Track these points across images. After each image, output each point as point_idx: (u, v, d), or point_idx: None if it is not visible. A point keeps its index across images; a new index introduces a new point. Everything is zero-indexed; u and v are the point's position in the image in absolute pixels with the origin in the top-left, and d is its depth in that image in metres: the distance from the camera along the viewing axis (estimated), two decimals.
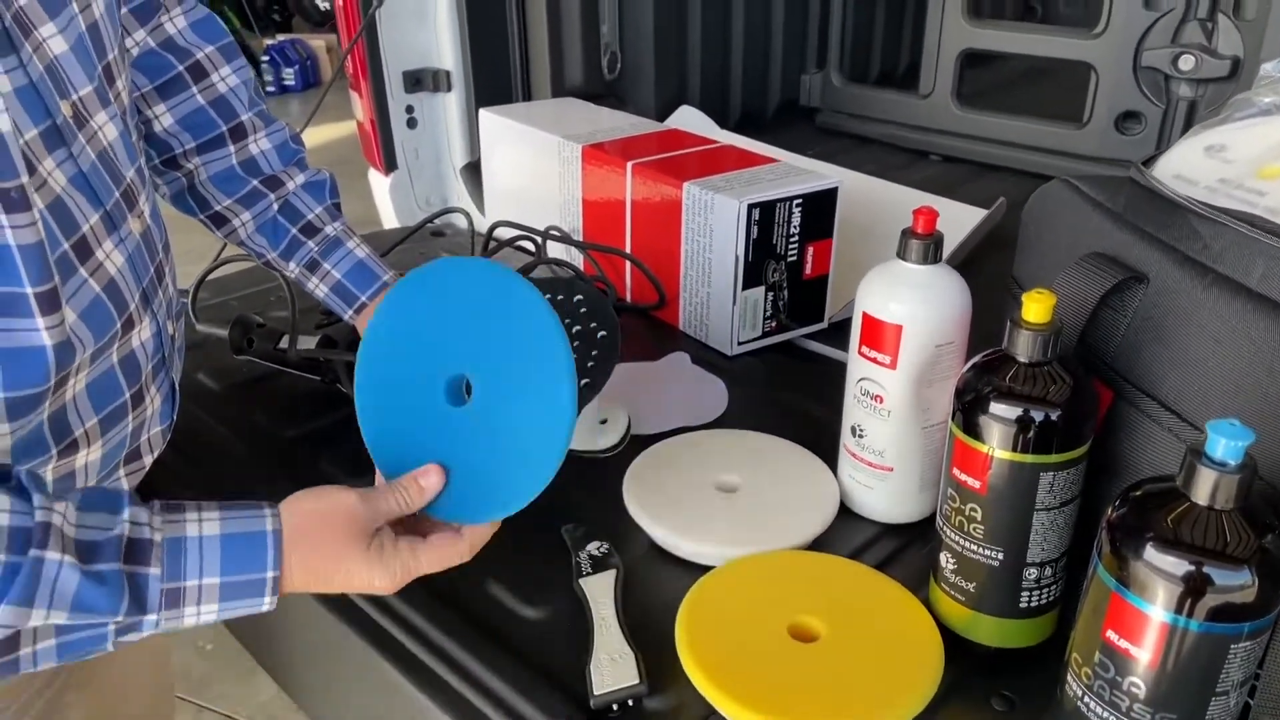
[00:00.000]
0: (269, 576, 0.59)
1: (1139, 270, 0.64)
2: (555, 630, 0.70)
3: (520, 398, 0.61)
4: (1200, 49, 1.41)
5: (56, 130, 0.60)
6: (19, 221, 0.56)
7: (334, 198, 0.94)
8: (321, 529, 0.60)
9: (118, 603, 0.54)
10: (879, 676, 0.62)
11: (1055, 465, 0.59)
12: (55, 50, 0.60)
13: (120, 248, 0.65)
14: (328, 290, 0.89)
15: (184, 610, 0.57)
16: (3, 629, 0.52)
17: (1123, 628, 0.49)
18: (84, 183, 0.62)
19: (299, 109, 5.95)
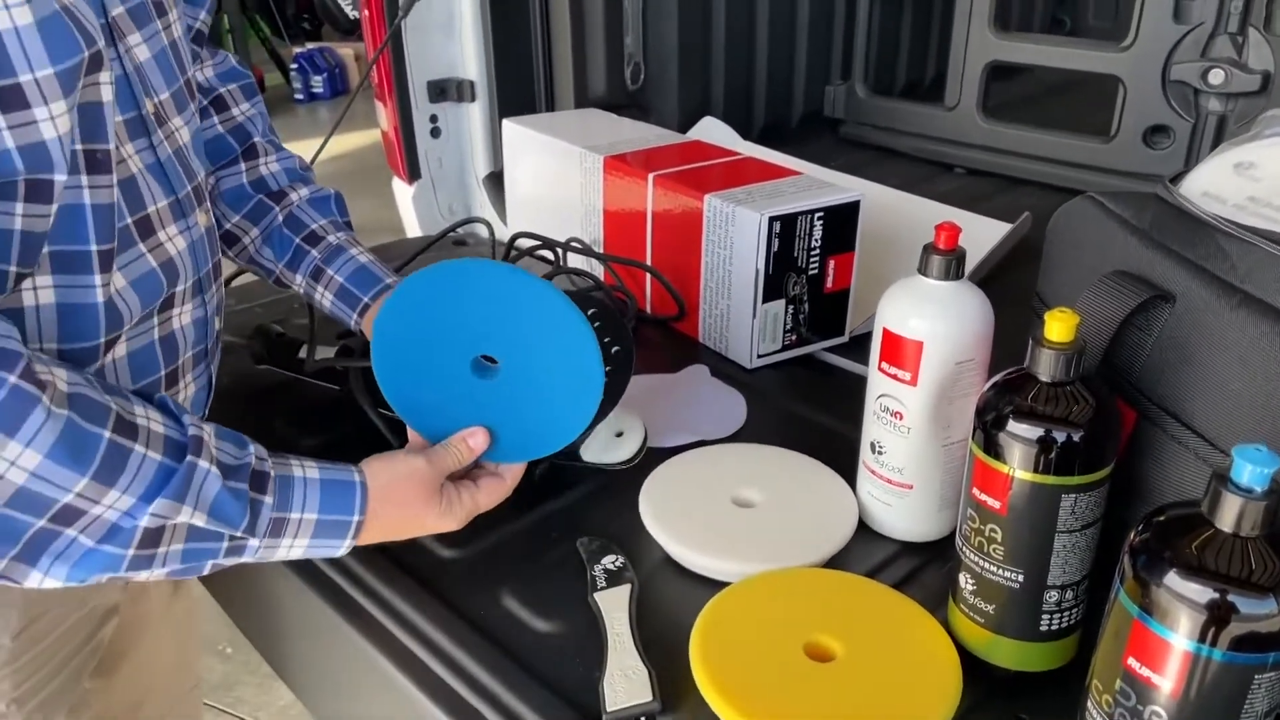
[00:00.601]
0: (354, 520, 0.68)
1: (1165, 289, 0.63)
2: (568, 644, 0.69)
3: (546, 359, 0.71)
4: (1230, 63, 1.40)
5: (141, 120, 0.68)
6: (99, 183, 0.63)
7: (343, 215, 0.96)
8: (400, 488, 0.70)
9: (241, 519, 0.63)
10: (896, 698, 0.61)
11: (1077, 487, 0.58)
12: (140, 57, 0.68)
13: (185, 234, 0.73)
14: (333, 298, 0.91)
15: (281, 540, 0.66)
16: (156, 519, 0.59)
17: (1145, 655, 0.48)
18: (159, 171, 0.70)
19: (327, 116, 6.00)
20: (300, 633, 0.83)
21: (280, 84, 6.27)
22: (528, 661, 0.68)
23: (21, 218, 0.60)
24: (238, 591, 0.91)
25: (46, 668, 0.77)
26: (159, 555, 0.62)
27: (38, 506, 0.56)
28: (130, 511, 0.59)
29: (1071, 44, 1.73)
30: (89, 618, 0.81)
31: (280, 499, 0.65)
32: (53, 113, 0.58)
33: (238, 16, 5.71)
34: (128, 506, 0.59)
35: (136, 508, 0.59)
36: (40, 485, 0.56)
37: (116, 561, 0.60)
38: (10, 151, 0.57)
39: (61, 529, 0.58)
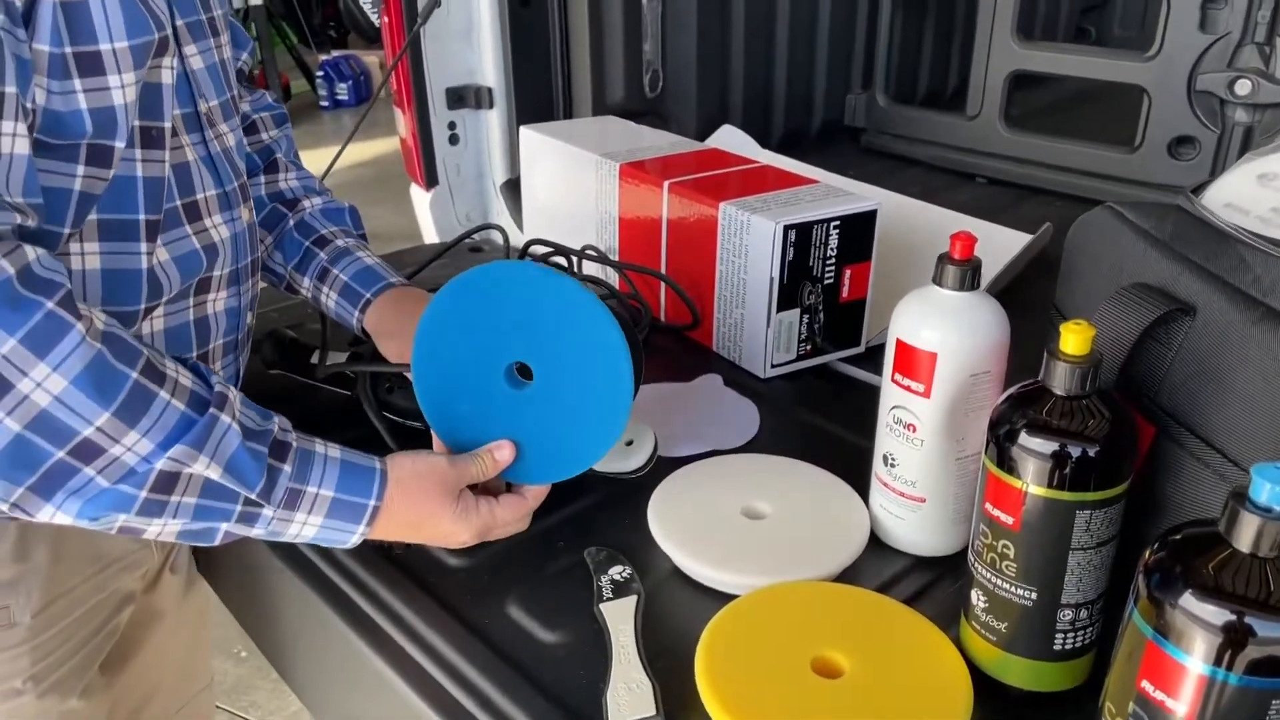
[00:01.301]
0: (371, 504, 0.68)
1: (1186, 302, 0.62)
2: (573, 656, 0.69)
3: (579, 376, 0.72)
4: (1257, 74, 1.37)
5: (197, 116, 0.75)
6: (152, 157, 0.69)
7: (356, 228, 0.99)
8: (419, 483, 0.71)
9: (257, 480, 0.64)
10: (904, 716, 0.60)
11: (1093, 503, 0.57)
12: (195, 65, 0.75)
13: (229, 224, 0.78)
14: (337, 296, 0.93)
15: (295, 514, 0.66)
16: (173, 463, 0.60)
17: (1158, 678, 0.47)
18: (211, 164, 0.76)
19: (351, 123, 6.05)
20: (304, 637, 0.83)
21: (306, 91, 6.32)
22: (531, 671, 0.67)
23: (81, 179, 0.65)
24: (245, 594, 0.91)
25: (64, 648, 0.80)
26: (171, 504, 0.62)
27: (59, 436, 0.57)
28: (148, 457, 0.60)
29: (1095, 53, 1.71)
30: (107, 602, 0.84)
31: (299, 470, 0.66)
32: (124, 81, 0.64)
33: (264, 24, 5.76)
34: (146, 451, 0.60)
35: (154, 454, 0.60)
36: (63, 412, 0.57)
37: (129, 502, 0.61)
38: (82, 113, 0.63)
39: (80, 465, 0.59)
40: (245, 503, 0.64)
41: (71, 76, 0.62)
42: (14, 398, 0.55)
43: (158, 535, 0.65)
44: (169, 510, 0.62)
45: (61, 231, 0.66)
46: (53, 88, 0.62)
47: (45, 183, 0.63)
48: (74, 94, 0.62)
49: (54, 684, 0.80)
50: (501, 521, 0.74)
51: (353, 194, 0.99)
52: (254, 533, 0.67)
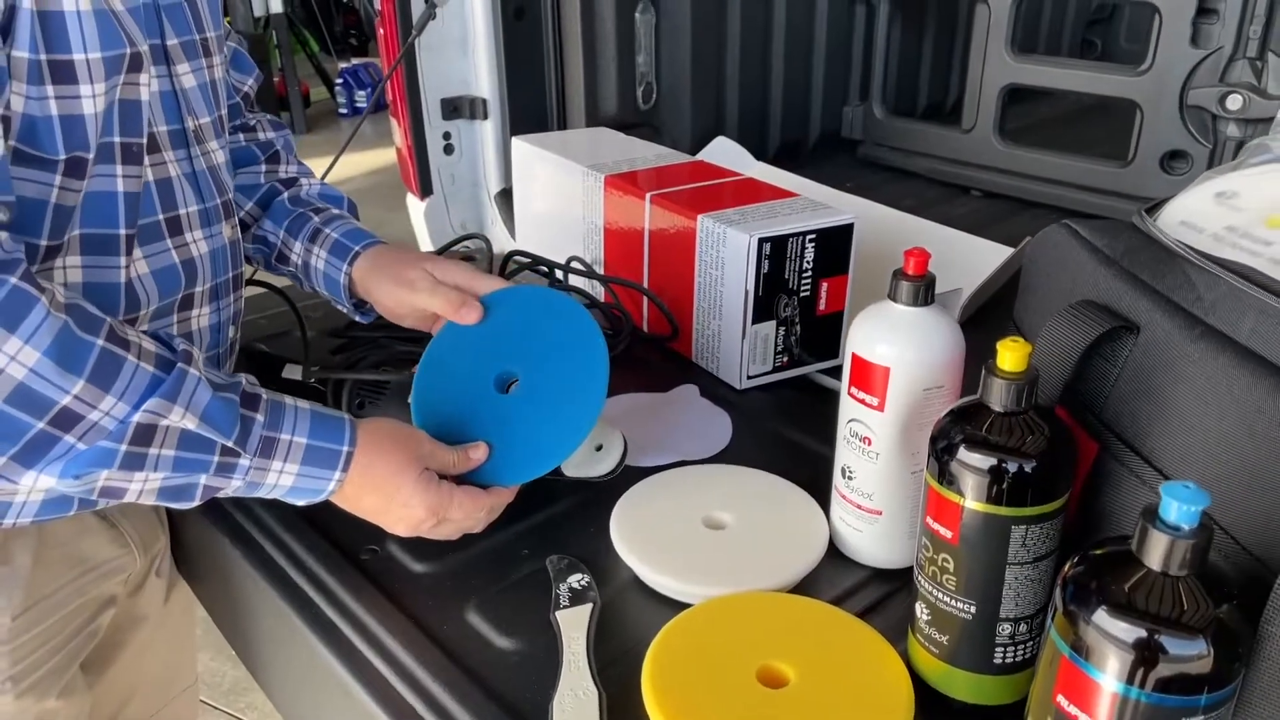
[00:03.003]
0: (344, 450, 0.71)
1: (1130, 319, 0.62)
2: (526, 662, 0.70)
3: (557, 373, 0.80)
4: (1249, 88, 1.37)
5: (184, 134, 0.77)
6: (131, 173, 0.71)
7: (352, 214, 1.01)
8: (389, 442, 0.73)
9: (232, 427, 0.66)
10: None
11: (1029, 518, 0.57)
12: (186, 84, 0.78)
13: (209, 240, 0.80)
14: (326, 255, 0.94)
15: (271, 463, 0.69)
16: (150, 415, 0.63)
17: (1073, 693, 0.48)
18: (194, 181, 0.79)
19: (371, 130, 6.09)
20: (273, 640, 0.84)
21: (325, 99, 6.38)
22: (483, 677, 0.68)
23: (57, 189, 0.67)
24: (221, 598, 0.93)
25: (43, 649, 0.82)
26: (150, 456, 0.64)
27: (37, 406, 0.60)
28: (124, 419, 0.62)
29: (1088, 67, 1.71)
30: (88, 605, 0.85)
31: (271, 419, 0.69)
32: (94, 91, 0.66)
33: (285, 32, 5.82)
34: (122, 414, 0.62)
35: (130, 414, 0.63)
36: (39, 383, 0.59)
37: (109, 456, 0.63)
38: (53, 119, 0.65)
39: (60, 434, 0.61)
40: (222, 452, 0.66)
41: (45, 83, 0.64)
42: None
43: (139, 494, 0.66)
44: (149, 463, 0.64)
45: (39, 243, 0.67)
46: (30, 93, 0.64)
47: (20, 192, 0.65)
48: (47, 100, 0.65)
49: (32, 684, 0.81)
50: (457, 504, 0.75)
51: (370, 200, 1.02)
52: (233, 485, 0.69)
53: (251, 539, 0.84)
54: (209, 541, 0.88)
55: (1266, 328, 0.56)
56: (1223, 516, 0.53)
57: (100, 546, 0.85)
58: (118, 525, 0.86)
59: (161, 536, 0.94)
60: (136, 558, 0.89)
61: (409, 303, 0.88)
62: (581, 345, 0.81)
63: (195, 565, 0.97)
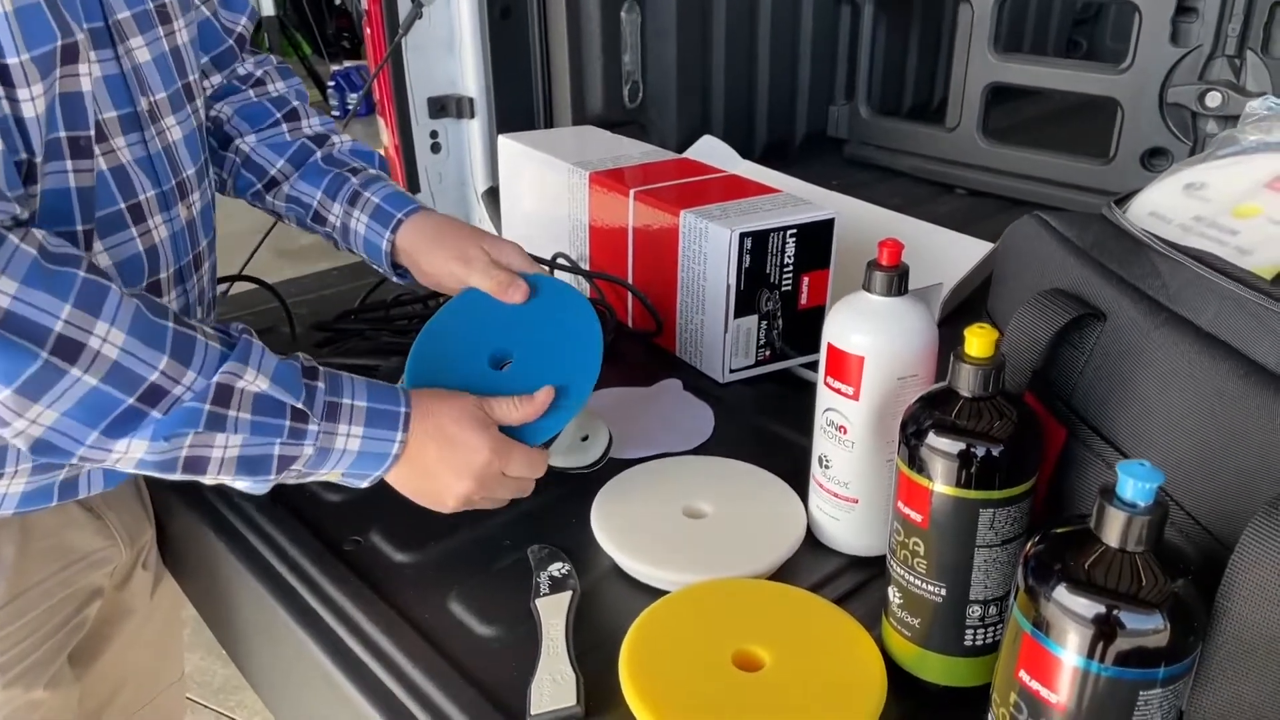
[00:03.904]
0: (402, 411, 0.73)
1: (1097, 307, 0.64)
2: (506, 649, 0.70)
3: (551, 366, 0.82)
4: (1228, 86, 1.39)
5: (135, 117, 0.74)
6: (81, 166, 0.69)
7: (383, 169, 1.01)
8: (441, 399, 0.75)
9: (299, 390, 0.69)
10: (818, 709, 0.61)
11: (996, 501, 0.59)
12: (140, 58, 0.75)
13: (168, 224, 0.79)
14: (368, 220, 0.94)
15: (338, 426, 0.71)
16: (228, 376, 0.66)
17: (1035, 669, 0.49)
18: (149, 165, 0.76)
19: (363, 133, 6.12)
20: (257, 632, 0.85)
21: (318, 101, 6.38)
22: (463, 663, 0.69)
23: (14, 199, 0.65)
24: (207, 591, 0.94)
25: (28, 640, 0.82)
26: (230, 418, 0.67)
27: (130, 383, 0.63)
28: (205, 387, 0.65)
29: (1069, 66, 1.72)
30: (74, 596, 0.86)
31: (331, 386, 0.71)
32: (33, 94, 0.64)
33: (277, 35, 5.83)
34: (201, 387, 0.65)
35: (210, 379, 0.66)
36: (130, 361, 0.63)
37: (195, 416, 0.65)
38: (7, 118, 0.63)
39: (147, 409, 0.64)
40: (293, 415, 0.69)
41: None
42: (88, 355, 0.61)
43: (219, 465, 0.68)
44: (229, 424, 0.67)
45: None
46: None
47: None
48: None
49: (18, 675, 0.82)
50: (520, 454, 0.76)
51: None
52: (304, 452, 0.70)
53: (235, 531, 0.85)
54: (194, 534, 0.89)
55: (1228, 313, 0.57)
56: (1183, 496, 0.54)
57: (85, 538, 0.86)
58: (103, 517, 0.87)
59: (148, 529, 0.95)
60: (122, 550, 0.90)
61: (461, 278, 0.89)
62: (576, 328, 0.84)
63: (181, 559, 0.98)
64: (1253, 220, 0.68)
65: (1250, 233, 0.66)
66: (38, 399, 0.61)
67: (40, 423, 0.62)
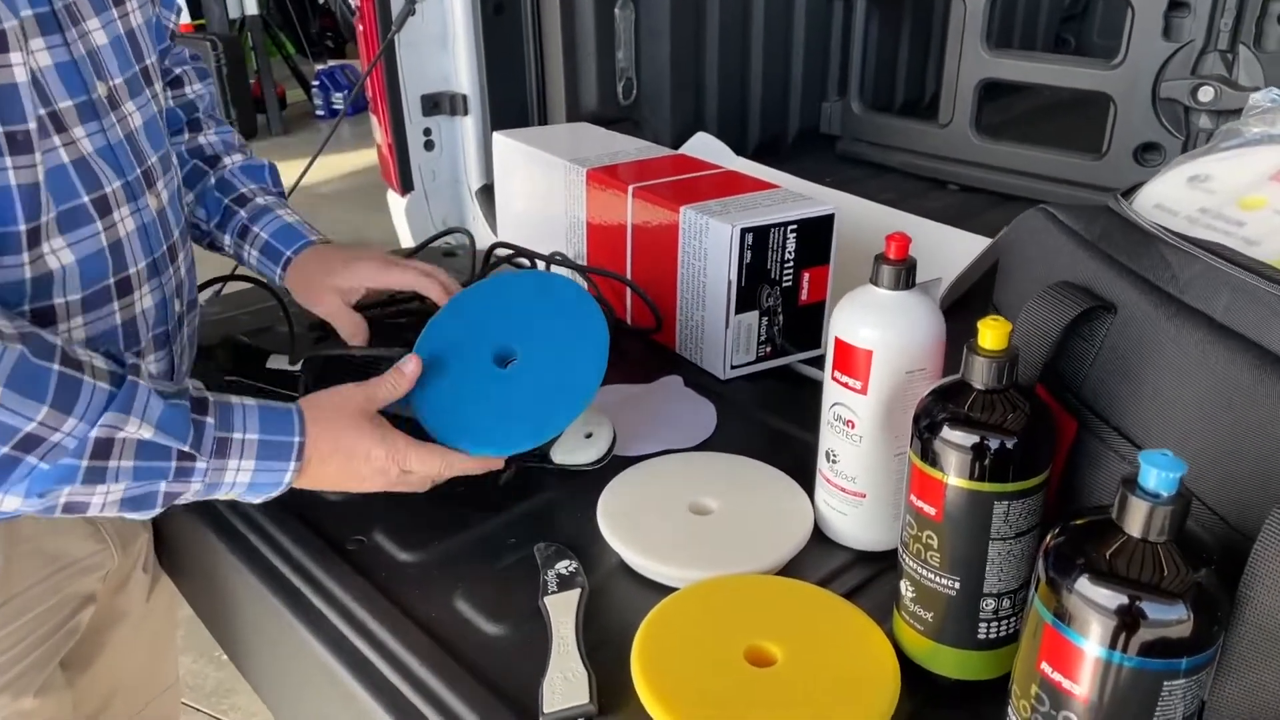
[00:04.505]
0: (296, 441, 0.72)
1: (1107, 300, 0.64)
2: (515, 647, 0.70)
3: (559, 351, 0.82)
4: (1220, 80, 1.39)
5: (91, 105, 0.71)
6: (22, 163, 0.65)
7: (275, 185, 1.03)
8: (335, 413, 0.74)
9: (186, 434, 0.67)
10: (831, 704, 0.61)
11: (1010, 494, 0.58)
12: (97, 41, 0.72)
13: (135, 216, 0.76)
14: (258, 254, 0.98)
15: (227, 462, 0.69)
16: (106, 429, 0.63)
17: (1057, 660, 0.48)
18: (110, 154, 0.73)
19: (349, 132, 6.07)
20: (259, 632, 0.84)
21: (302, 100, 6.35)
22: (473, 663, 0.68)
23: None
24: (206, 592, 0.93)
25: (18, 648, 0.81)
26: (111, 469, 0.65)
27: (3, 435, 0.60)
28: (84, 436, 0.63)
29: (1062, 61, 1.73)
30: (65, 603, 0.84)
31: (222, 420, 0.69)
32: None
33: (260, 34, 5.79)
34: (82, 433, 0.63)
35: (89, 431, 0.63)
36: (3, 415, 0.60)
37: (72, 473, 0.63)
38: None
39: (23, 455, 0.62)
40: (179, 457, 0.67)
41: None
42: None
43: (101, 507, 0.66)
44: (110, 475, 0.65)
45: None
46: None
47: None
48: None
49: (8, 683, 0.80)
50: (415, 459, 0.75)
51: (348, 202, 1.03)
52: (192, 488, 0.69)
53: (237, 532, 0.84)
54: (194, 537, 0.88)
55: (1241, 304, 0.57)
56: (1199, 487, 0.54)
57: (75, 543, 0.84)
58: (94, 521, 0.85)
59: (143, 533, 0.94)
60: (115, 554, 0.88)
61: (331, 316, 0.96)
62: (581, 324, 0.84)
63: (179, 561, 0.97)
64: (1259, 212, 0.68)
65: (1257, 224, 0.67)
66: None
67: None
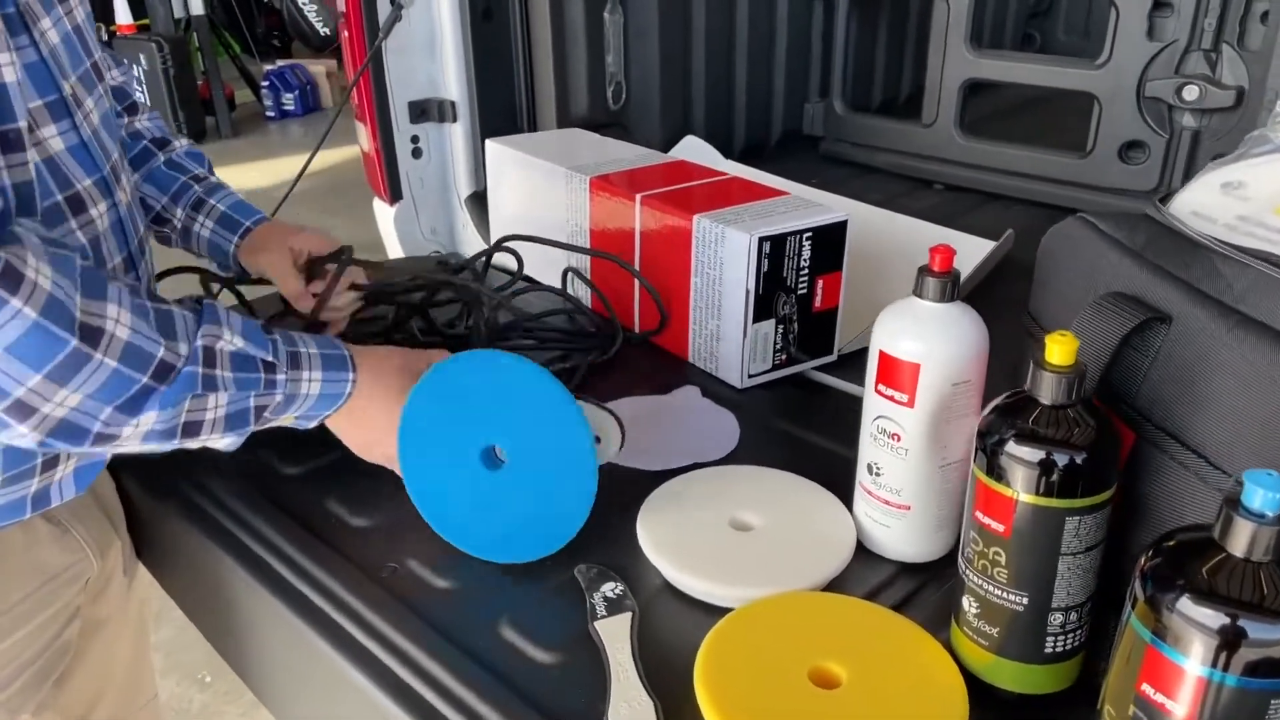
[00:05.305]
0: (346, 354, 0.78)
1: (1161, 310, 0.64)
2: (570, 675, 0.68)
3: (546, 456, 0.77)
4: (1204, 79, 1.42)
5: (63, 102, 0.72)
6: (15, 161, 0.66)
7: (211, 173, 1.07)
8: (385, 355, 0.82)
9: (266, 344, 0.73)
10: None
11: (1081, 509, 0.58)
12: (52, 40, 0.72)
13: (111, 212, 0.77)
14: (213, 225, 1.02)
15: (301, 373, 0.75)
16: (209, 337, 0.69)
17: (1158, 681, 0.48)
18: (83, 151, 0.74)
19: (300, 132, 5.96)
20: (290, 665, 0.81)
21: (251, 101, 6.22)
22: (528, 693, 0.67)
23: None
24: (227, 624, 0.90)
25: (10, 667, 0.79)
26: (218, 377, 0.70)
27: (144, 362, 0.65)
28: (192, 350, 0.69)
29: (1048, 61, 1.75)
30: (55, 617, 0.83)
31: (285, 338, 0.75)
32: None
33: (207, 34, 5.66)
34: (191, 348, 0.69)
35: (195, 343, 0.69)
36: (141, 340, 0.65)
37: (192, 380, 0.68)
38: None
39: (157, 385, 0.67)
40: (264, 368, 0.72)
41: None
42: (106, 339, 0.63)
43: (211, 426, 0.71)
44: (219, 384, 0.70)
45: None
46: None
47: None
48: None
49: (3, 704, 0.79)
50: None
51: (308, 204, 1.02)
52: (275, 399, 0.74)
53: (264, 563, 0.81)
54: (218, 570, 0.85)
55: None
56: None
57: (55, 554, 0.82)
58: (71, 530, 0.84)
59: (115, 539, 0.92)
60: (94, 562, 0.86)
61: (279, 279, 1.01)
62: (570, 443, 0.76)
63: (200, 595, 0.93)
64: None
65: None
66: (66, 383, 0.62)
67: (66, 405, 0.63)
